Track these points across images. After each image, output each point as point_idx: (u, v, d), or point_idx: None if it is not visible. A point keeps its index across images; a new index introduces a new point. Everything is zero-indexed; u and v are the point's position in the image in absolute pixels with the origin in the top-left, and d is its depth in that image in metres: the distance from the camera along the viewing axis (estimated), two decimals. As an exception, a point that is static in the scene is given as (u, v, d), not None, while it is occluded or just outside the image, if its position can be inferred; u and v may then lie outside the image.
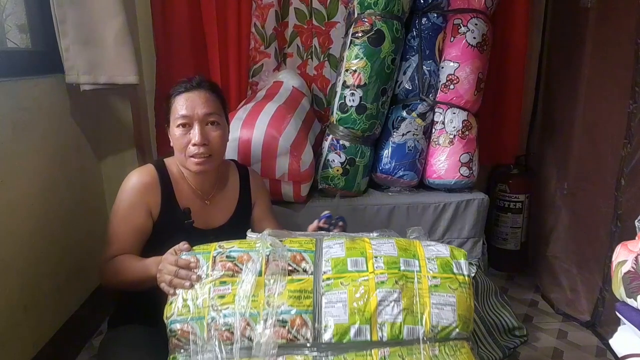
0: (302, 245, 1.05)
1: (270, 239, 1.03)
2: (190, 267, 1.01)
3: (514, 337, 1.71)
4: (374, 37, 1.72)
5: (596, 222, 1.80)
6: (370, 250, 1.04)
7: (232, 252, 1.02)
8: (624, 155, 1.63)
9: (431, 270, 1.01)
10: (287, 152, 1.59)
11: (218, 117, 1.24)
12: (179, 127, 1.21)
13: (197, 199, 1.28)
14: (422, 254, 1.05)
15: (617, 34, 1.69)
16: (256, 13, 1.99)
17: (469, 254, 1.83)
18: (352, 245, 1.06)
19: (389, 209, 1.77)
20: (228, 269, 1.00)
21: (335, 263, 1.01)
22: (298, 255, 1.02)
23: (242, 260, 1.00)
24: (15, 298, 1.30)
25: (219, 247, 1.04)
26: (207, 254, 1.02)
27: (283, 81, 1.95)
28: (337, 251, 1.04)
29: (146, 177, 1.22)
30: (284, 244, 1.05)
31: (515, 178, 2.23)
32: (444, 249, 1.07)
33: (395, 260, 1.02)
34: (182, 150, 1.22)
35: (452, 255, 1.05)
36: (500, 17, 2.01)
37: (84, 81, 1.58)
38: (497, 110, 2.14)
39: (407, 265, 1.02)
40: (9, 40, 1.59)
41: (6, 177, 1.27)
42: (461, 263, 1.04)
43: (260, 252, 1.01)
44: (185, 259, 1.02)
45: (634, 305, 1.06)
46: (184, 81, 1.26)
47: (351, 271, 1.00)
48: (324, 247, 1.06)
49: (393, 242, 1.07)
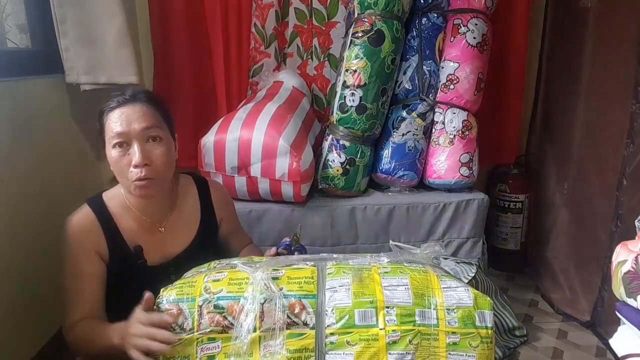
0: (302, 288, 0.90)
1: (264, 280, 0.88)
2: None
3: (514, 337, 1.71)
4: (374, 37, 1.72)
5: (596, 222, 1.80)
6: (381, 297, 0.89)
7: (221, 299, 0.87)
8: (626, 155, 1.63)
9: (450, 323, 0.89)
10: (287, 152, 1.59)
11: (159, 130, 1.07)
12: (115, 148, 1.04)
13: (148, 230, 1.14)
14: (441, 301, 0.90)
15: (618, 34, 1.69)
16: (256, 13, 1.99)
17: (469, 254, 1.82)
18: (360, 288, 0.90)
19: (389, 209, 1.77)
20: (217, 323, 0.86)
21: (340, 314, 0.87)
22: (297, 303, 0.88)
23: (233, 312, 0.86)
24: (15, 298, 1.30)
25: (205, 290, 0.89)
26: (192, 302, 0.87)
27: (283, 81, 1.95)
28: (342, 297, 0.89)
29: (83, 221, 1.08)
30: (280, 283, 0.90)
31: (515, 178, 2.23)
32: (466, 295, 0.92)
33: (410, 312, 0.88)
34: (124, 175, 1.06)
35: (475, 305, 0.90)
36: (500, 17, 2.00)
37: (84, 81, 1.58)
38: (497, 110, 2.14)
39: (423, 317, 0.88)
40: (9, 40, 1.59)
41: (6, 177, 1.27)
42: (485, 314, 0.90)
43: (254, 299, 0.87)
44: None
45: (634, 305, 1.06)
46: (116, 95, 1.09)
47: (359, 326, 0.87)
48: (327, 288, 0.91)
49: (408, 281, 0.92)
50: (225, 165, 1.64)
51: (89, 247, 1.07)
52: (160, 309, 0.89)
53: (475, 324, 0.89)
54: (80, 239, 1.07)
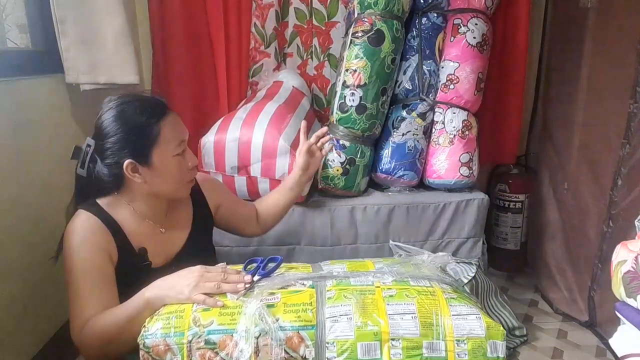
0: (300, 318, 0.84)
1: (258, 310, 0.82)
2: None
3: (514, 337, 1.72)
4: (374, 37, 1.72)
5: (588, 222, 1.81)
6: (386, 328, 0.83)
7: (212, 333, 0.81)
8: (622, 155, 1.63)
9: (460, 356, 0.84)
10: (287, 152, 1.59)
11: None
12: (176, 157, 1.06)
13: (150, 232, 1.13)
14: (450, 330, 0.85)
15: (617, 34, 1.69)
16: (256, 13, 1.99)
17: (469, 254, 1.82)
18: (363, 317, 0.84)
19: (389, 209, 1.77)
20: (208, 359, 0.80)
21: (342, 347, 0.82)
22: (295, 336, 0.82)
23: (226, 347, 0.80)
24: (15, 298, 1.30)
25: (194, 322, 0.82)
26: (180, 337, 0.81)
27: (283, 81, 1.95)
28: (344, 329, 0.83)
29: (88, 223, 1.04)
30: (276, 312, 0.83)
31: (515, 178, 2.23)
32: (478, 325, 0.86)
33: (417, 345, 0.83)
34: (179, 179, 1.08)
35: (487, 336, 0.85)
36: (500, 17, 2.00)
37: (84, 81, 1.58)
38: (497, 110, 2.14)
39: (431, 350, 0.83)
40: (9, 40, 1.59)
41: (6, 177, 1.27)
42: (497, 344, 0.85)
43: (248, 334, 0.81)
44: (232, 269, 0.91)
45: (634, 305, 1.06)
46: (153, 101, 1.06)
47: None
48: (327, 317, 0.85)
49: (415, 307, 0.86)
50: (225, 165, 1.64)
51: (100, 246, 1.03)
52: (145, 344, 0.83)
53: (486, 356, 0.84)
54: (91, 239, 1.02)
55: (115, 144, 1.03)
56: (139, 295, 0.93)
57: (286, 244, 1.74)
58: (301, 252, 1.75)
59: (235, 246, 1.71)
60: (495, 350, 0.85)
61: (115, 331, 0.93)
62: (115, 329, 0.93)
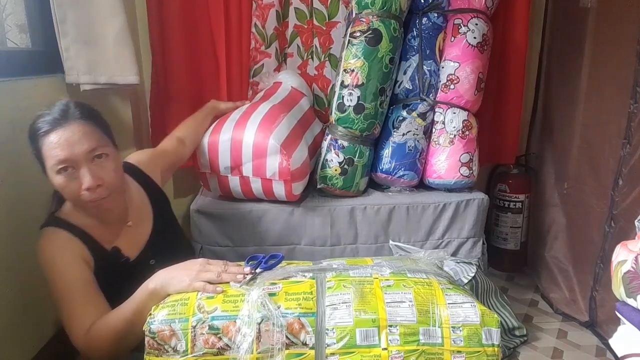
0: (301, 305, 0.87)
1: (261, 297, 0.85)
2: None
3: (514, 337, 1.72)
4: (372, 37, 1.71)
5: (590, 222, 1.80)
6: (384, 315, 0.87)
7: (216, 319, 0.84)
8: (623, 155, 1.63)
9: (456, 342, 0.86)
10: (277, 151, 1.58)
11: (103, 147, 1.04)
12: (60, 174, 1.00)
13: (118, 230, 1.14)
14: (446, 318, 0.88)
15: (617, 34, 1.69)
16: (256, 13, 1.99)
17: (469, 254, 1.82)
18: (361, 305, 0.88)
19: (389, 209, 1.77)
20: (212, 344, 0.83)
21: (341, 334, 0.85)
22: (296, 322, 0.85)
23: (229, 333, 0.83)
24: (15, 298, 1.30)
25: (199, 309, 0.85)
26: (185, 322, 0.84)
27: (282, 82, 1.95)
28: (343, 316, 0.87)
29: (57, 238, 1.05)
30: (278, 300, 0.86)
31: (515, 178, 2.23)
32: (473, 312, 0.89)
33: (414, 331, 0.86)
34: (76, 198, 1.02)
35: (482, 323, 0.88)
36: (500, 17, 2.00)
37: (84, 81, 1.58)
38: (497, 110, 2.14)
39: (428, 336, 0.86)
40: (9, 40, 1.59)
41: (6, 177, 1.27)
42: (492, 331, 0.88)
43: (250, 319, 0.84)
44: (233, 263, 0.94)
45: (634, 305, 1.06)
46: (45, 114, 1.01)
47: (360, 346, 0.85)
48: (327, 305, 0.88)
49: (411, 296, 0.89)
50: (219, 166, 1.64)
51: (75, 255, 1.05)
52: (151, 329, 0.86)
53: (481, 342, 0.87)
54: (64, 252, 1.04)
55: (34, 150, 1.06)
56: (143, 287, 0.96)
57: (286, 244, 1.74)
58: (301, 252, 1.75)
59: (235, 246, 1.71)
60: (490, 337, 0.87)
61: (125, 327, 0.95)
62: (124, 324, 0.95)
